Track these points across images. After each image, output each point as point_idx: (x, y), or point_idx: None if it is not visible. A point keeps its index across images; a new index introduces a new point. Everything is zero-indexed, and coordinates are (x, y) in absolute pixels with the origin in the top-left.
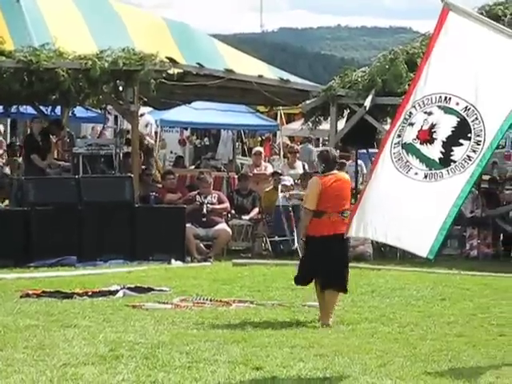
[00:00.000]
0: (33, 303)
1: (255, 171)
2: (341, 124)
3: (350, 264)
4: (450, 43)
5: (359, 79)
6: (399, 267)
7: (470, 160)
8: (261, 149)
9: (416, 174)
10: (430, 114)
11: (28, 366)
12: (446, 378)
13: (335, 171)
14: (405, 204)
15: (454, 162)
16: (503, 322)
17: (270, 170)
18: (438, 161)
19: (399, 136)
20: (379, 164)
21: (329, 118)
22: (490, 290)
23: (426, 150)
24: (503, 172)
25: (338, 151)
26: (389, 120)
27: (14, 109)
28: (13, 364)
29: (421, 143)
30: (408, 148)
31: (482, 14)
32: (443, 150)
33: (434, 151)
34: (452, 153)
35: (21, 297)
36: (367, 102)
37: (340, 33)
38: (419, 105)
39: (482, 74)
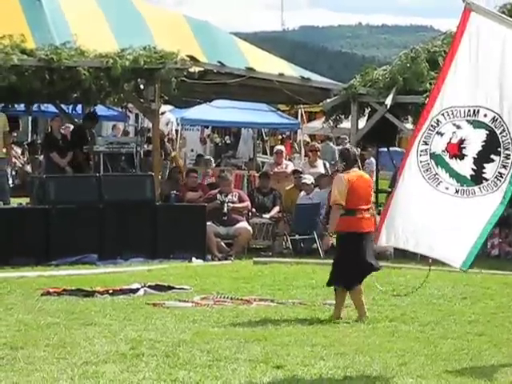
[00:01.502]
0: (54, 301)
1: (276, 170)
2: (362, 122)
3: None
4: (474, 47)
5: (380, 77)
6: (420, 266)
7: (501, 177)
8: (282, 147)
9: (447, 188)
10: (458, 127)
11: (49, 364)
12: (466, 377)
13: (356, 168)
14: (437, 215)
15: (486, 180)
16: None
17: (290, 168)
18: (469, 177)
19: (426, 143)
20: (406, 170)
21: (350, 117)
22: (511, 288)
23: (456, 165)
24: None
25: (359, 149)
26: (410, 118)
27: (35, 107)
28: (34, 362)
29: (450, 157)
30: (437, 160)
31: (503, 12)
32: (474, 167)
33: (465, 168)
34: (484, 170)
35: (42, 295)
36: (388, 101)
37: (361, 31)
38: (448, 114)
39: (506, 79)
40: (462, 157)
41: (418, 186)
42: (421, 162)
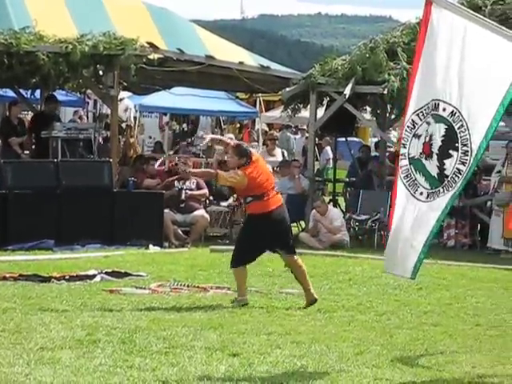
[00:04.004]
0: (10, 286)
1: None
2: (320, 112)
3: (328, 252)
4: (437, 41)
5: (339, 67)
6: (376, 255)
7: (460, 174)
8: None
9: (421, 193)
10: (428, 124)
11: (5, 349)
12: (422, 366)
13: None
14: (410, 229)
15: (447, 176)
16: (479, 311)
17: None
18: (436, 177)
19: (404, 146)
20: (398, 177)
21: (308, 106)
22: (467, 279)
23: (429, 165)
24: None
25: (316, 139)
26: (368, 108)
27: None
28: None
29: (425, 158)
30: (416, 164)
31: (462, 4)
32: (438, 164)
33: (434, 167)
34: (444, 166)
35: None
36: (347, 91)
37: (320, 20)
38: (422, 114)
39: (465, 73)
40: (432, 155)
41: (402, 194)
42: (401, 167)
